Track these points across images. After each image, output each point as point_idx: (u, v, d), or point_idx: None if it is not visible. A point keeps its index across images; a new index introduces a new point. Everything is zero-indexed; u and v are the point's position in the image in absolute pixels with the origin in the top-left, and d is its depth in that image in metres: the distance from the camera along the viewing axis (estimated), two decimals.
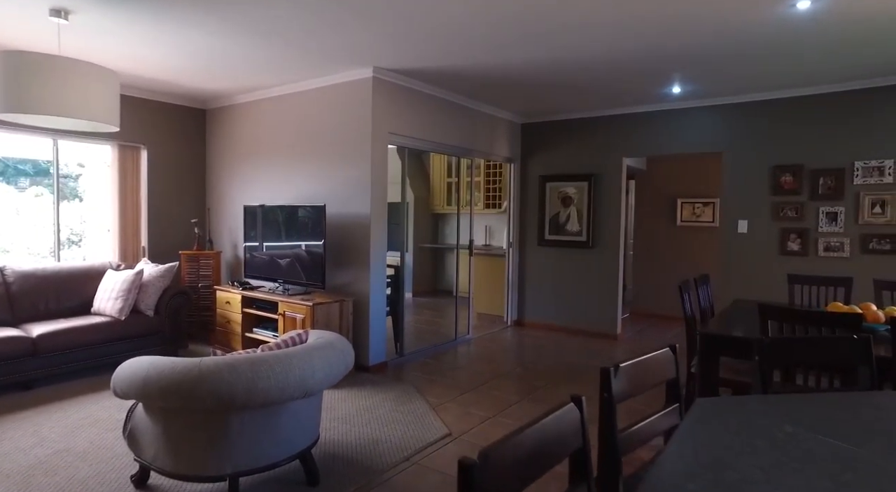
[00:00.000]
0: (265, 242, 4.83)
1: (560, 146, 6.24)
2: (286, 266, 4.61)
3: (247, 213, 4.98)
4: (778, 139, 4.96)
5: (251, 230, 4.95)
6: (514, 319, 6.61)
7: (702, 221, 6.80)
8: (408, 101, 4.80)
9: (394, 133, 4.69)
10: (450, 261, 9.12)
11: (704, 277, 3.88)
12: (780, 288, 4.94)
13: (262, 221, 4.85)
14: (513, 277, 6.57)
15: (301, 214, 4.56)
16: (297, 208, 4.60)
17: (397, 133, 4.72)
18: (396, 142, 4.79)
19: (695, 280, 3.83)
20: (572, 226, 6.15)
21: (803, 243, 4.85)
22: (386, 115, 4.57)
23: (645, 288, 7.26)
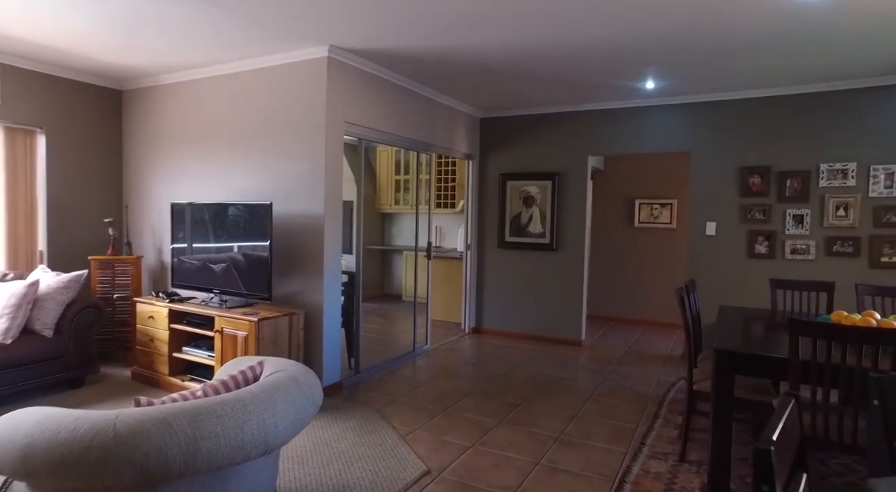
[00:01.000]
0: (198, 245, 4.15)
1: (522, 143, 5.91)
2: (224, 274, 3.96)
3: (175, 211, 4.27)
4: (746, 140, 4.87)
5: (180, 231, 4.24)
6: (471, 327, 6.22)
7: (659, 222, 6.72)
8: (366, 88, 4.28)
9: (351, 123, 4.15)
10: (398, 263, 8.62)
11: (691, 282, 3.64)
12: (752, 292, 4.85)
13: (195, 221, 4.16)
14: (471, 282, 6.18)
15: (242, 214, 3.93)
16: (237, 207, 3.96)
17: (354, 123, 4.19)
18: (354, 133, 4.25)
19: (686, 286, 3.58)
20: (535, 227, 5.84)
21: (771, 246, 4.78)
22: (342, 102, 4.03)
23: (601, 291, 7.10)
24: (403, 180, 8.28)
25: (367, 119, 4.32)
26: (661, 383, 4.42)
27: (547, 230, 5.77)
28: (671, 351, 5.54)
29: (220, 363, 3.60)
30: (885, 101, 4.39)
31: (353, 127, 4.22)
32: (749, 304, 4.82)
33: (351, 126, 4.18)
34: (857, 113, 4.47)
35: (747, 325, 3.26)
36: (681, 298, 3.05)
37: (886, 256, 4.42)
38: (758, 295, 4.82)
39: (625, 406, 3.86)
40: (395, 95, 4.63)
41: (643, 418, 3.62)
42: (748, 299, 4.85)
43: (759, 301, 4.80)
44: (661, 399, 4.02)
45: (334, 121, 3.97)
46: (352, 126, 4.19)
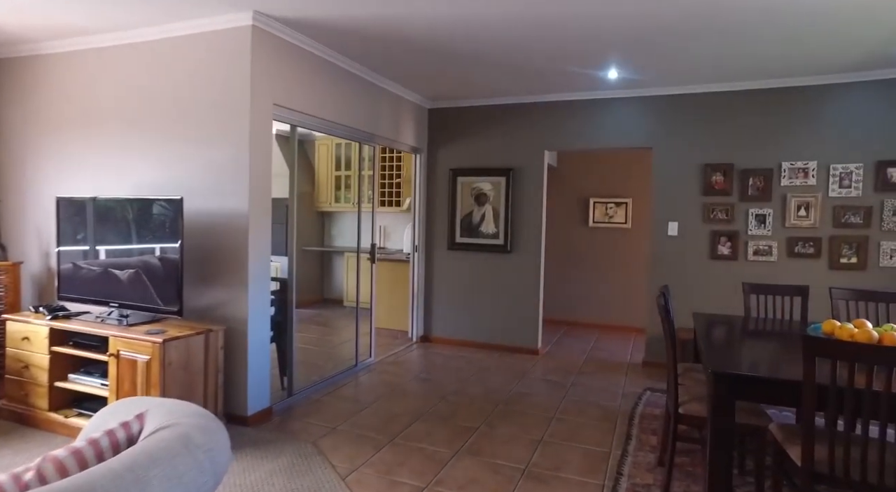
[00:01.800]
0: (92, 248, 3.43)
1: (474, 136, 5.49)
2: (124, 283, 3.27)
3: (62, 207, 3.52)
4: (709, 136, 4.65)
5: (70, 232, 3.50)
6: (420, 335, 5.73)
7: (615, 222, 6.49)
8: (300, 67, 3.70)
9: (281, 106, 3.56)
10: (338, 266, 8.00)
11: (666, 287, 3.32)
12: (716, 295, 4.64)
13: (89, 219, 3.44)
14: (418, 286, 5.69)
15: (148, 211, 3.26)
16: (142, 202, 3.28)
17: (286, 107, 3.60)
18: (285, 118, 3.66)
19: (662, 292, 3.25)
20: (487, 227, 5.43)
21: (734, 247, 4.58)
22: (271, 81, 3.43)
23: (555, 293, 6.80)
24: (345, 176, 7.68)
25: (300, 103, 3.74)
26: (627, 396, 4.11)
27: (500, 230, 5.37)
28: (631, 358, 5.28)
29: (115, 395, 2.92)
30: (846, 99, 4.27)
31: (284, 111, 3.63)
32: (714, 308, 4.61)
33: (281, 110, 3.59)
34: (819, 110, 4.34)
35: (734, 337, 2.96)
36: (665, 310, 2.70)
37: (845, 256, 4.31)
38: (722, 298, 4.61)
39: (593, 426, 3.49)
40: (334, 78, 4.07)
41: (615, 440, 3.26)
42: (713, 303, 4.64)
43: (724, 305, 4.60)
44: (629, 415, 3.69)
45: (261, 103, 3.37)
46: (282, 110, 3.61)
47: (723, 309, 4.59)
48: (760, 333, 3.15)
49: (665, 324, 2.72)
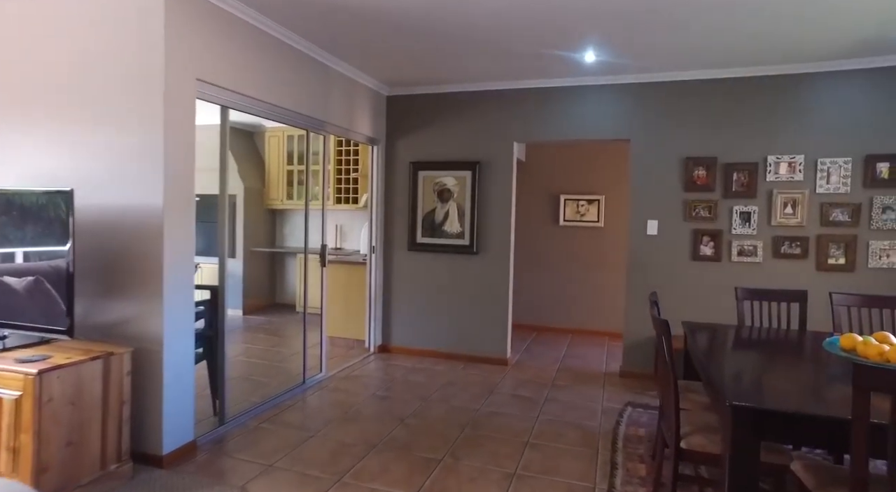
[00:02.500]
0: None
1: (437, 126, 5.00)
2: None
3: None
4: (691, 127, 4.30)
5: None
6: (377, 345, 5.21)
7: (586, 220, 6.12)
8: (232, 38, 3.13)
9: (207, 82, 2.99)
10: (291, 268, 7.39)
11: (654, 294, 2.92)
12: (699, 299, 4.29)
13: None
14: (376, 291, 5.17)
15: (28, 206, 2.63)
16: (19, 196, 2.65)
17: (212, 83, 3.03)
18: (212, 97, 3.09)
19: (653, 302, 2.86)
20: (451, 226, 4.96)
21: (717, 247, 4.25)
22: (193, 52, 2.86)
23: (523, 296, 6.39)
24: (297, 171, 7.07)
25: (233, 81, 3.17)
26: (607, 413, 3.71)
27: (466, 230, 4.90)
28: (607, 366, 4.90)
29: None
30: (834, 89, 3.98)
31: (212, 89, 3.06)
32: (697, 312, 4.27)
33: (208, 88, 3.02)
34: (808, 100, 4.04)
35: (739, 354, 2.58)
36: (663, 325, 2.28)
37: (833, 257, 4.03)
38: (705, 302, 4.27)
39: (573, 453, 3.06)
40: (276, 55, 3.52)
41: (598, 471, 2.84)
42: (695, 307, 4.30)
43: (707, 308, 4.26)
44: (612, 437, 3.28)
45: (180, 78, 2.80)
46: (209, 88, 3.03)
47: (706, 313, 4.26)
48: (764, 346, 2.78)
49: (661, 339, 2.31)
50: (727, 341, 2.82)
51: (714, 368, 2.24)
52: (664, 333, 2.24)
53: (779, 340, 2.87)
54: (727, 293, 4.21)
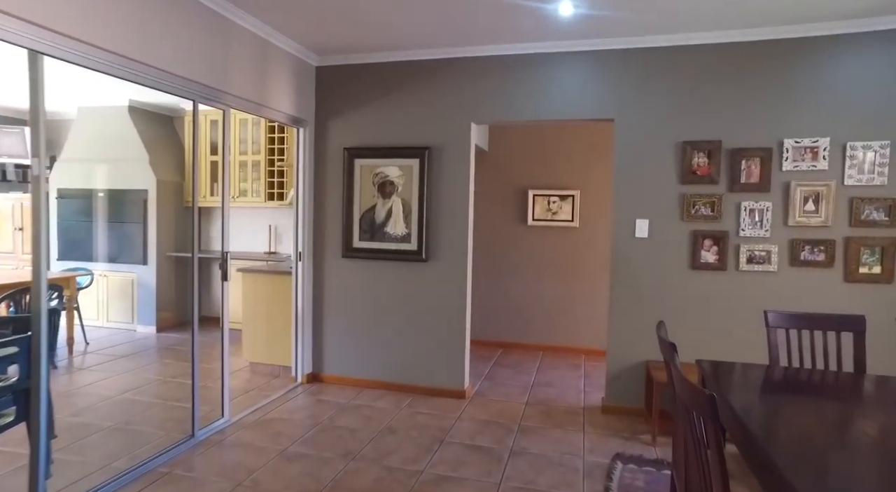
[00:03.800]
0: None
1: (377, 104, 4.04)
2: None
3: None
4: (690, 104, 3.46)
5: None
6: (306, 374, 4.22)
7: (559, 219, 5.25)
8: None
9: (7, 14, 1.96)
10: (217, 275, 6.30)
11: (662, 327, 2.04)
12: (701, 319, 3.46)
13: None
14: (303, 308, 4.18)
15: None
16: None
17: (16, 15, 2.00)
18: (14, 36, 2.05)
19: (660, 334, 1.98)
20: (395, 227, 4.01)
21: (721, 252, 3.42)
22: None
23: (486, 309, 5.49)
24: None
25: (53, 15, 2.14)
26: (592, 473, 2.82)
27: (413, 231, 3.96)
28: (586, 397, 4.04)
29: None
30: (869, 55, 3.19)
31: (14, 24, 2.02)
32: (697, 336, 3.44)
33: (9, 21, 1.99)
34: (834, 69, 3.24)
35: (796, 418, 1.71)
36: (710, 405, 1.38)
37: (866, 265, 3.25)
38: (707, 322, 3.45)
39: None
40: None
41: None
42: (695, 328, 3.46)
43: (710, 332, 3.44)
44: None
45: None
46: (11, 21, 2.00)
47: (709, 337, 3.43)
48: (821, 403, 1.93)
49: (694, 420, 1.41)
50: (766, 393, 1.97)
51: (764, 443, 1.36)
52: (704, 408, 1.33)
53: (840, 392, 2.03)
54: (734, 311, 3.39)
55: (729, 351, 3.39)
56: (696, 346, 3.46)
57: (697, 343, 3.46)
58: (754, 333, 3.36)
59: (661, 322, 2.05)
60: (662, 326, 2.04)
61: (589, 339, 5.22)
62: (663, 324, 2.05)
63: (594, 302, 5.18)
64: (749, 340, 3.38)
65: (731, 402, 1.82)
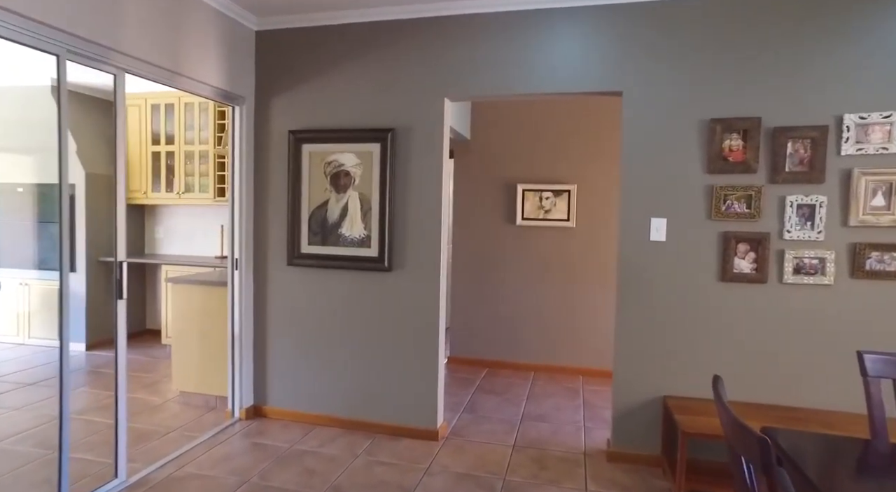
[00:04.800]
0: None
1: (330, 75, 3.27)
2: None
3: None
4: (718, 73, 2.72)
5: None
6: (246, 407, 3.45)
7: (552, 218, 4.51)
8: None
9: None
10: (161, 283, 5.51)
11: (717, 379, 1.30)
12: (734, 349, 2.73)
13: None
14: (242, 326, 3.41)
15: None
16: None
17: None
18: None
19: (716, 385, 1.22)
20: (352, 228, 3.25)
21: (760, 260, 2.69)
22: None
23: (468, 322, 4.74)
24: (166, 153, 5.22)
25: None
26: None
27: (374, 233, 3.20)
28: (586, 437, 3.29)
29: None
30: None
31: None
32: (732, 370, 2.71)
33: None
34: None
35: None
36: None
37: None
38: (744, 353, 2.71)
39: None
40: None
41: None
42: (729, 363, 2.73)
43: (748, 366, 2.71)
44: None
45: None
46: None
47: (744, 370, 2.70)
48: None
49: None
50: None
51: None
52: None
53: None
54: (777, 336, 2.66)
55: (771, 389, 2.67)
56: (725, 381, 2.72)
57: (728, 377, 2.73)
58: (803, 365, 2.64)
59: (717, 378, 1.32)
60: (720, 382, 1.31)
61: (587, 357, 4.48)
62: (720, 380, 1.31)
63: (594, 315, 4.45)
64: (797, 375, 2.65)
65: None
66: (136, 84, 4.99)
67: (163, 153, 5.22)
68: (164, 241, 5.64)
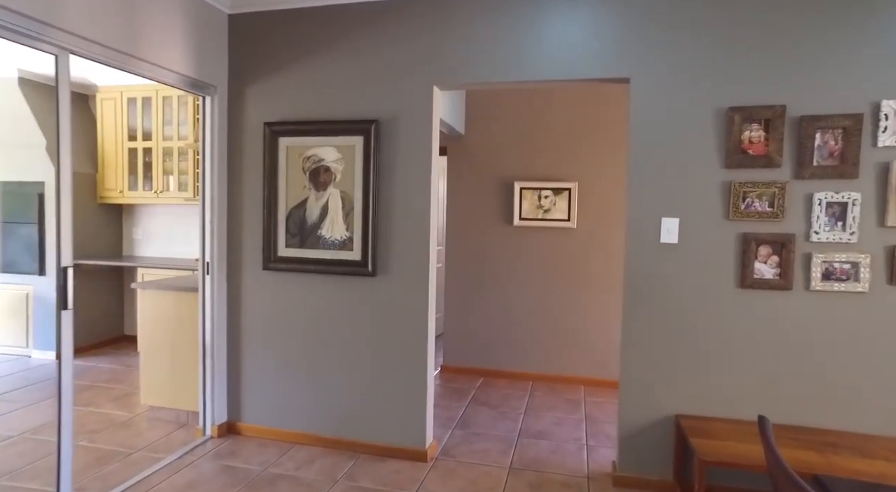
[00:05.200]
0: None
1: (309, 63, 2.99)
2: None
3: None
4: (738, 54, 2.44)
5: None
6: (219, 424, 3.17)
7: (551, 218, 4.22)
8: None
9: None
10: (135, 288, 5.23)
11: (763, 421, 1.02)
12: (755, 364, 2.45)
13: None
14: (214, 336, 3.13)
15: None
16: None
17: None
18: None
19: None
20: (333, 229, 2.96)
21: (784, 265, 2.41)
22: None
23: (462, 329, 4.46)
24: (144, 149, 4.93)
25: None
26: None
27: (356, 235, 2.92)
28: (589, 458, 3.01)
29: None
30: None
31: None
32: (751, 387, 2.43)
33: None
34: None
35: None
36: None
37: None
38: (767, 367, 2.44)
39: None
40: None
41: None
42: (749, 379, 2.45)
43: (771, 383, 2.43)
44: None
45: None
46: None
47: (765, 387, 2.42)
48: None
49: None
50: None
51: None
52: None
53: None
54: (803, 349, 2.38)
55: (798, 409, 2.39)
56: (745, 400, 2.45)
57: (748, 394, 2.45)
58: (834, 383, 2.36)
59: (763, 419, 1.03)
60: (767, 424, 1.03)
61: (589, 367, 4.21)
62: (767, 421, 1.03)
63: (596, 322, 4.17)
64: (827, 393, 2.38)
65: None
66: (112, 76, 4.72)
67: (140, 150, 4.94)
68: (142, 242, 5.36)
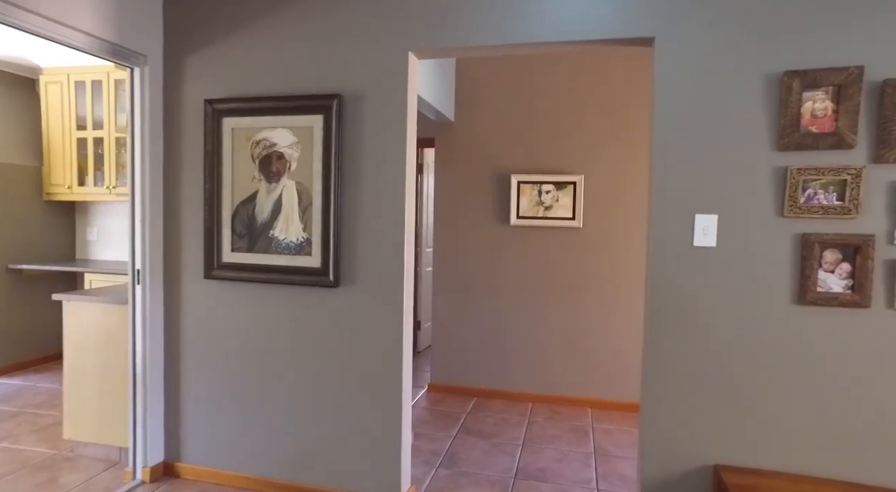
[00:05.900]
0: None
1: (258, 28, 2.45)
2: None
3: None
4: (794, 5, 1.91)
5: None
6: (153, 465, 2.62)
7: (554, 216, 3.69)
8: None
9: None
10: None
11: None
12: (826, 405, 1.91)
13: None
14: (146, 359, 2.58)
15: None
16: None
17: None
18: None
19: None
20: (288, 229, 2.42)
21: (858, 275, 1.87)
22: None
23: (453, 344, 3.92)
24: (94, 139, 4.38)
25: None
26: None
27: (315, 237, 2.38)
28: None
29: None
30: None
31: None
32: (812, 431, 1.90)
33: None
34: None
35: None
36: None
37: None
38: (833, 407, 1.90)
39: None
40: None
41: None
42: (811, 421, 1.92)
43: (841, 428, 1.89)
44: None
45: None
46: None
47: (833, 434, 1.89)
48: None
49: None
50: None
51: None
52: None
53: None
54: (885, 383, 1.84)
55: (876, 461, 1.86)
56: (808, 449, 1.91)
57: (810, 439, 1.91)
58: None
59: None
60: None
61: (597, 387, 3.67)
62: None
63: (604, 336, 3.64)
64: None
65: None
66: (56, 56, 4.18)
67: (90, 140, 4.38)
68: (97, 244, 4.81)
